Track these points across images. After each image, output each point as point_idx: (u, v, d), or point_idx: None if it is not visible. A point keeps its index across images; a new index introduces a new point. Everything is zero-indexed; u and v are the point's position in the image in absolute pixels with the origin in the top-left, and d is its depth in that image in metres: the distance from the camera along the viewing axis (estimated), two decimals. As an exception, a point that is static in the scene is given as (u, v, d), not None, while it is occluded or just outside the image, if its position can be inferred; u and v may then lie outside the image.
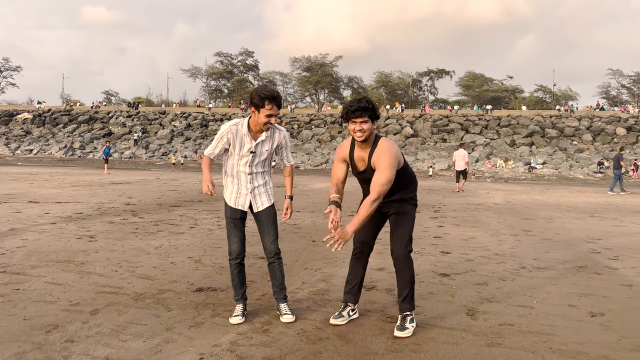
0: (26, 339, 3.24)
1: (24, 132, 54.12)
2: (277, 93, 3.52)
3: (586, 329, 3.64)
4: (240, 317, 3.64)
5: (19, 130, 54.62)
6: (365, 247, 3.77)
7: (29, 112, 59.27)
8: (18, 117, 58.10)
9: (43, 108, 61.04)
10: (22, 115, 58.45)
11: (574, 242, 7.16)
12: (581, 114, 50.36)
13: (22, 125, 56.36)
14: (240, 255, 3.76)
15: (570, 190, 19.86)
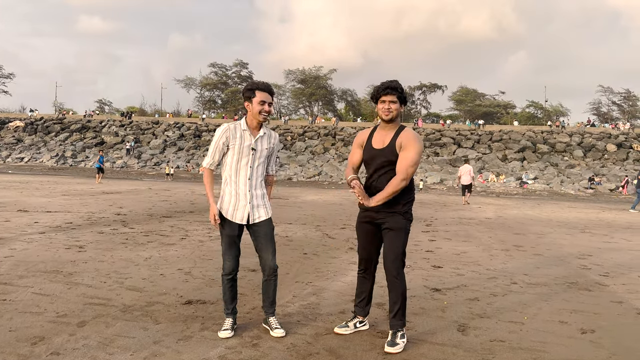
0: (11, 351, 3.18)
1: (16, 140, 53.77)
2: (267, 83, 3.60)
3: (577, 345, 3.64)
4: (229, 331, 3.59)
5: (10, 138, 54.26)
6: (369, 263, 3.81)
7: (21, 120, 58.96)
8: (10, 125, 57.74)
9: (35, 116, 60.77)
10: (14, 123, 58.11)
11: (565, 258, 7.18)
12: (572, 130, 50.86)
13: (14, 133, 56.02)
14: (234, 271, 3.73)
15: (561, 205, 19.97)
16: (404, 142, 3.43)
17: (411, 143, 3.42)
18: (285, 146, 50.26)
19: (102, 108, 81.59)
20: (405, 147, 3.42)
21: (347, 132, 52.30)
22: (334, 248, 7.31)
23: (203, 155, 48.11)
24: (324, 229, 9.19)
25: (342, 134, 51.80)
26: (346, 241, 7.93)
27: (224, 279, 3.72)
